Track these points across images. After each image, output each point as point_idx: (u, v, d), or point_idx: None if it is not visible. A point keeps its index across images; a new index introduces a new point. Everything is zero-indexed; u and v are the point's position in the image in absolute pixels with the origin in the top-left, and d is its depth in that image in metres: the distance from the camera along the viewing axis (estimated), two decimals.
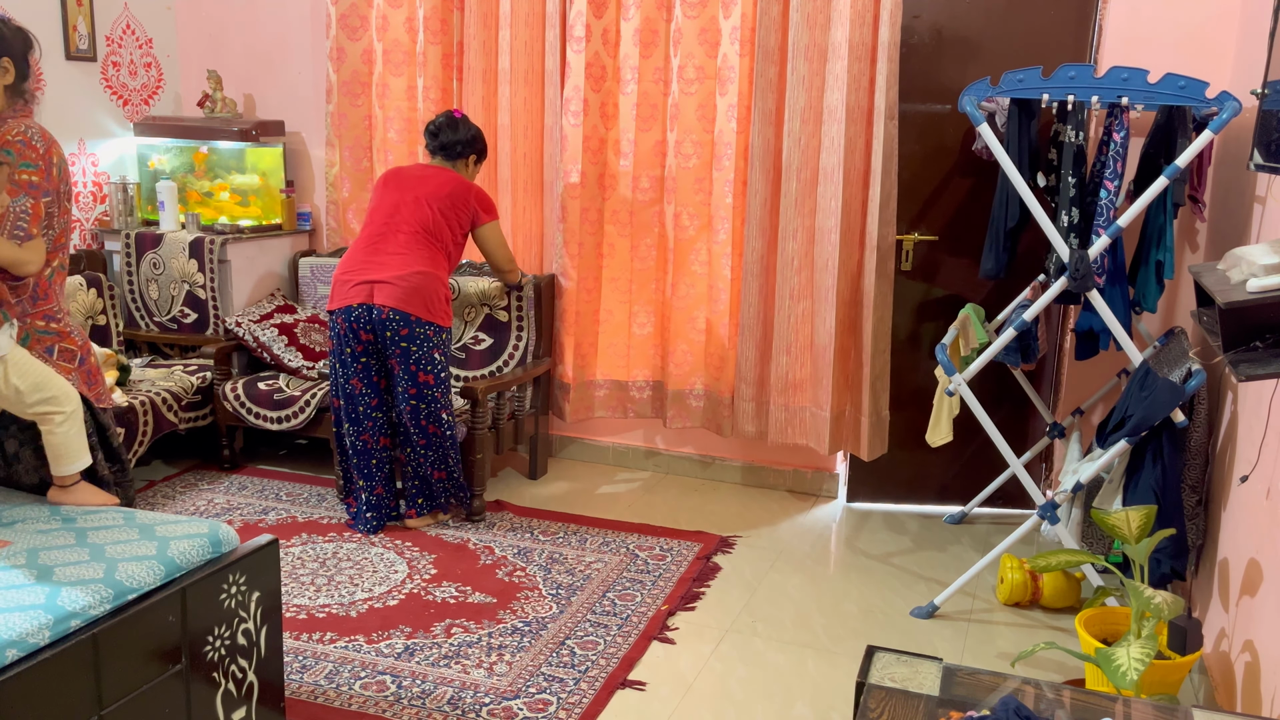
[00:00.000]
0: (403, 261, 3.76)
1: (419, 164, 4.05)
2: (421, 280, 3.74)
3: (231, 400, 4.35)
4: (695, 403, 4.47)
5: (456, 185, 3.89)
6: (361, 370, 3.82)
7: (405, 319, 3.72)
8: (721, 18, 4.12)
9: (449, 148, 3.95)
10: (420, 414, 3.81)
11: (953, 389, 3.39)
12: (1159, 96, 3.06)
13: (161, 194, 4.71)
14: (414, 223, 3.81)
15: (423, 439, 3.86)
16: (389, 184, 3.93)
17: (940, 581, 3.67)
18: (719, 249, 4.27)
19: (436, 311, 3.78)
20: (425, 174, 3.93)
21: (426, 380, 3.79)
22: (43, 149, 2.51)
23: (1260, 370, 2.13)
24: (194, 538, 2.32)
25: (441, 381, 3.82)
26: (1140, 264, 3.45)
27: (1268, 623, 2.51)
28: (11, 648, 1.88)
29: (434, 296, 3.77)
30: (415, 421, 3.83)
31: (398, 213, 3.83)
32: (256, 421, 4.32)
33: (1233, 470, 3.00)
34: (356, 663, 3.04)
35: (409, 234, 3.81)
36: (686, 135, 4.26)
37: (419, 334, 3.74)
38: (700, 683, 3.04)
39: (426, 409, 3.81)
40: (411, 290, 3.72)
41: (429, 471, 3.92)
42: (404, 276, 3.73)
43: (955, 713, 1.71)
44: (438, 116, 3.99)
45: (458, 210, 3.87)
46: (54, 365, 2.56)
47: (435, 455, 3.89)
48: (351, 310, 3.76)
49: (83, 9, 4.58)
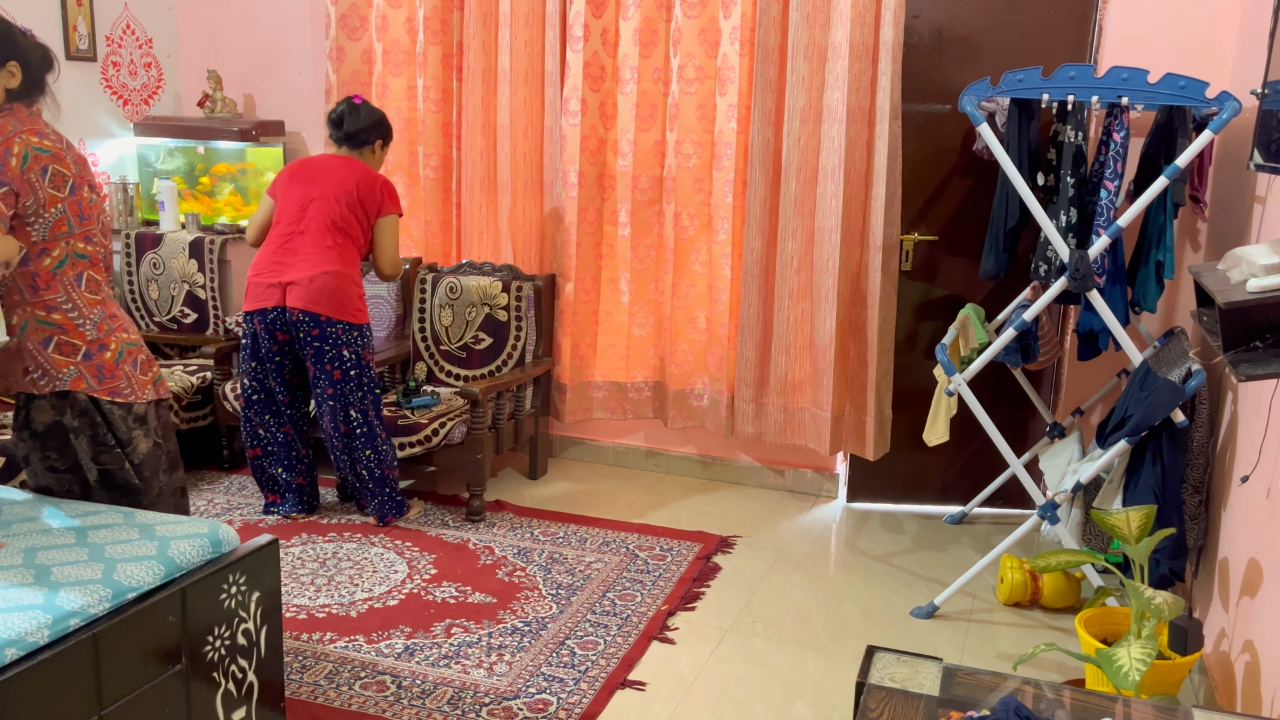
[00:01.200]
0: (312, 262, 3.77)
1: (324, 155, 3.99)
2: (330, 280, 3.75)
3: (231, 400, 4.34)
4: (696, 403, 4.48)
5: (363, 177, 3.85)
6: (276, 370, 3.88)
7: (315, 319, 3.74)
8: (721, 17, 4.13)
9: (354, 136, 3.90)
10: (336, 414, 3.85)
11: (953, 389, 3.39)
12: (1159, 96, 3.06)
13: (161, 194, 4.71)
14: (323, 219, 3.79)
15: (340, 440, 3.88)
16: (295, 178, 3.89)
17: (940, 581, 3.67)
18: (718, 249, 4.27)
19: (348, 310, 3.79)
20: (331, 166, 3.88)
21: (339, 378, 3.81)
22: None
23: (1260, 370, 2.13)
24: (194, 538, 2.32)
25: (352, 379, 3.83)
26: (1140, 264, 3.45)
27: (1268, 623, 2.51)
28: (11, 647, 1.88)
29: (344, 295, 3.78)
30: (334, 421, 3.86)
31: (306, 210, 3.82)
32: None
33: (1233, 470, 3.00)
34: (356, 663, 3.04)
35: (318, 231, 3.79)
36: (686, 135, 4.26)
37: (330, 333, 3.77)
38: (700, 683, 3.04)
39: (341, 408, 3.84)
40: (320, 290, 3.74)
41: (370, 472, 3.91)
42: (313, 277, 3.74)
43: (955, 713, 1.71)
44: (338, 104, 3.94)
45: (365, 204, 3.85)
46: (47, 358, 2.55)
47: (374, 455, 3.89)
48: (266, 313, 3.79)
49: (83, 9, 4.58)
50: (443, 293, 4.47)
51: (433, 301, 4.49)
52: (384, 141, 4.01)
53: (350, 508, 4.16)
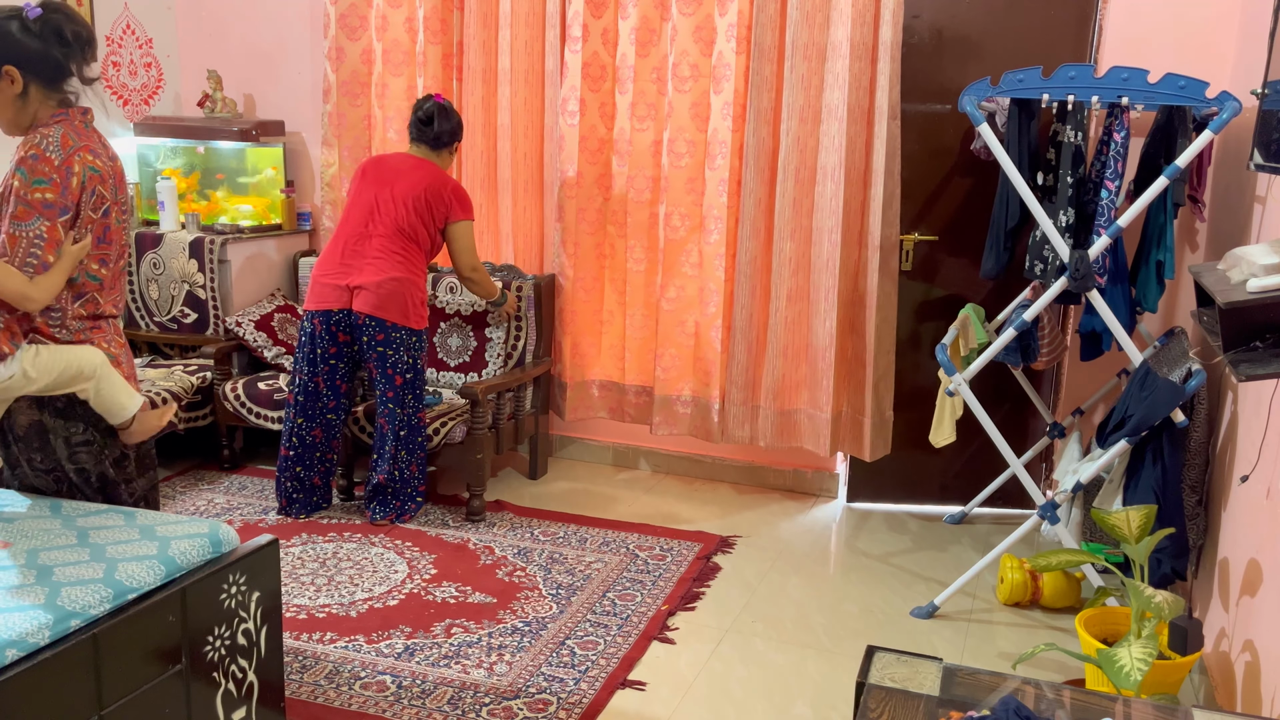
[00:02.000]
0: (380, 267, 3.82)
1: (399, 154, 4.03)
2: (397, 287, 3.82)
3: (231, 400, 4.34)
4: (683, 409, 4.44)
5: (434, 180, 3.89)
6: (328, 371, 3.90)
7: (381, 325, 3.81)
8: (717, 15, 4.11)
9: (439, 137, 3.96)
10: (396, 417, 3.87)
11: (953, 389, 3.39)
12: (1159, 96, 3.06)
13: (161, 194, 4.71)
14: (390, 223, 3.85)
15: (395, 443, 3.90)
16: (367, 176, 3.95)
17: (940, 581, 3.67)
18: (710, 250, 4.25)
19: (411, 316, 3.86)
20: (404, 167, 3.92)
21: (399, 383, 3.86)
22: (59, 159, 2.32)
23: (1260, 370, 2.13)
24: (194, 538, 2.32)
25: (410, 383, 3.88)
26: (1140, 264, 3.45)
27: (1268, 623, 2.51)
28: (11, 648, 1.88)
29: (409, 301, 3.85)
30: (392, 424, 3.88)
31: (376, 212, 3.87)
32: (257, 421, 4.32)
33: (1233, 470, 3.00)
34: (356, 663, 3.04)
35: (385, 235, 3.85)
36: (679, 134, 4.24)
37: (394, 338, 3.83)
38: (700, 683, 3.04)
39: (402, 411, 3.88)
40: (388, 296, 3.80)
41: (402, 472, 3.95)
42: (381, 283, 3.80)
43: (955, 713, 1.71)
44: (425, 103, 3.96)
45: (433, 208, 3.89)
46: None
47: (408, 455, 3.93)
48: (331, 314, 3.84)
49: (82, 9, 4.58)
50: (443, 292, 4.46)
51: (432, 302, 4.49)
52: (459, 143, 4.09)
53: (351, 508, 4.16)
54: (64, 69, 2.41)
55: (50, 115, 2.41)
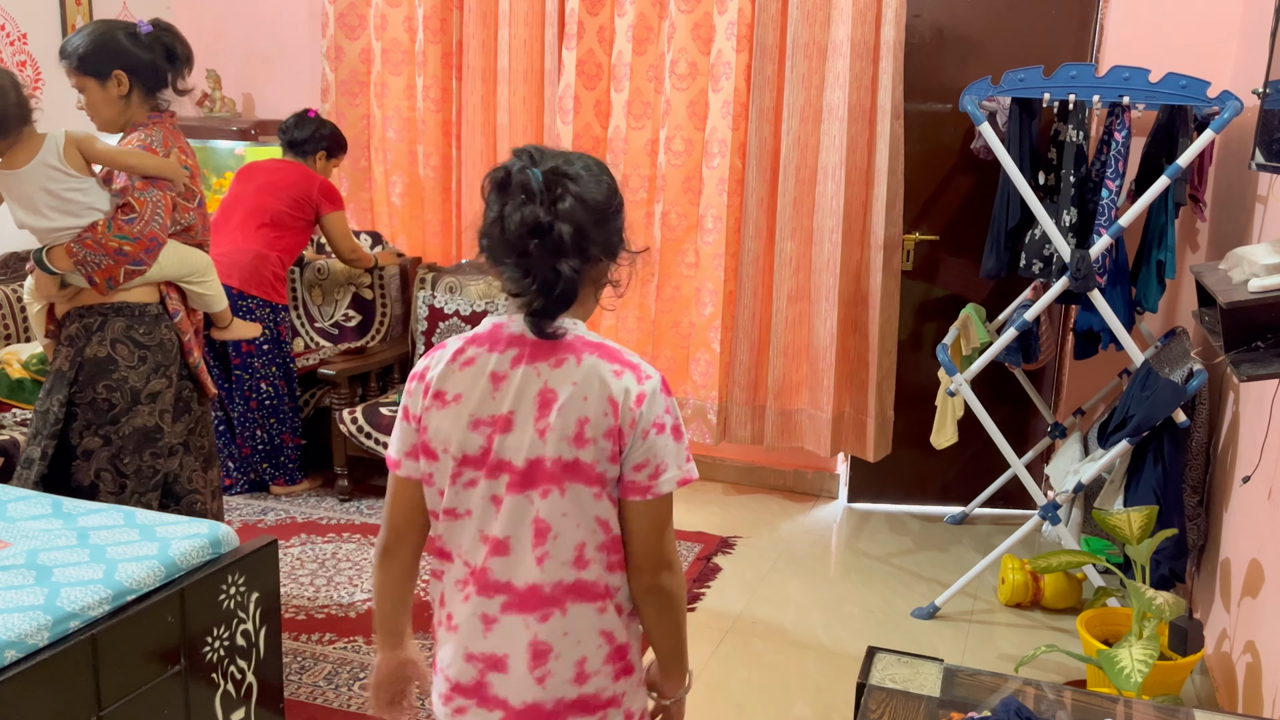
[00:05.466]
0: (231, 240, 4.01)
1: (272, 159, 4.32)
2: (247, 257, 3.99)
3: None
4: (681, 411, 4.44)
5: (299, 176, 4.15)
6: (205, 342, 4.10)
7: (227, 291, 3.85)
8: (716, 13, 4.10)
9: (296, 145, 4.23)
10: (244, 384, 4.09)
11: (954, 389, 3.39)
12: (1160, 96, 3.06)
13: None
14: (251, 208, 4.08)
15: (249, 409, 4.13)
16: (238, 177, 4.24)
17: (941, 582, 3.67)
18: (709, 249, 4.23)
19: (263, 287, 4.00)
20: (272, 167, 4.23)
21: (249, 350, 4.03)
22: (163, 153, 2.66)
23: (1261, 370, 2.12)
24: (194, 538, 2.31)
25: (264, 354, 4.05)
26: (1141, 264, 3.45)
27: (1269, 623, 2.50)
28: (11, 648, 1.87)
29: (260, 273, 4.01)
30: (241, 391, 4.11)
31: (239, 201, 4.11)
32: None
33: (1234, 471, 3.00)
34: (356, 663, 3.03)
35: (244, 216, 4.07)
36: (677, 132, 4.22)
37: (242, 306, 3.96)
38: (700, 683, 3.03)
39: (251, 380, 4.07)
40: (234, 265, 3.95)
41: (275, 439, 4.18)
42: (228, 253, 3.96)
43: (956, 714, 1.71)
44: (290, 117, 4.28)
45: (298, 199, 4.11)
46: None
47: (271, 423, 4.15)
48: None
49: (82, 8, 4.57)
50: (442, 292, 4.46)
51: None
52: (329, 154, 4.35)
53: (351, 508, 4.16)
54: (164, 80, 2.75)
55: (146, 116, 2.72)
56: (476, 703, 1.52)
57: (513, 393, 1.47)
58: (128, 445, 2.70)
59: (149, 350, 2.70)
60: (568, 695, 1.51)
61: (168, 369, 2.74)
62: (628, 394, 1.45)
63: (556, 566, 1.47)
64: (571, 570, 1.48)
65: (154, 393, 2.72)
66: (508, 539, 1.47)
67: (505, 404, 1.47)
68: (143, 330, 2.70)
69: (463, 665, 1.53)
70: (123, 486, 2.71)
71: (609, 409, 1.44)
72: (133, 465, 2.71)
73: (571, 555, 1.48)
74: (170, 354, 2.75)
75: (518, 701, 1.50)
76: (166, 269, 2.72)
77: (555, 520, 1.46)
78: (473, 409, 1.48)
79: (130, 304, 2.68)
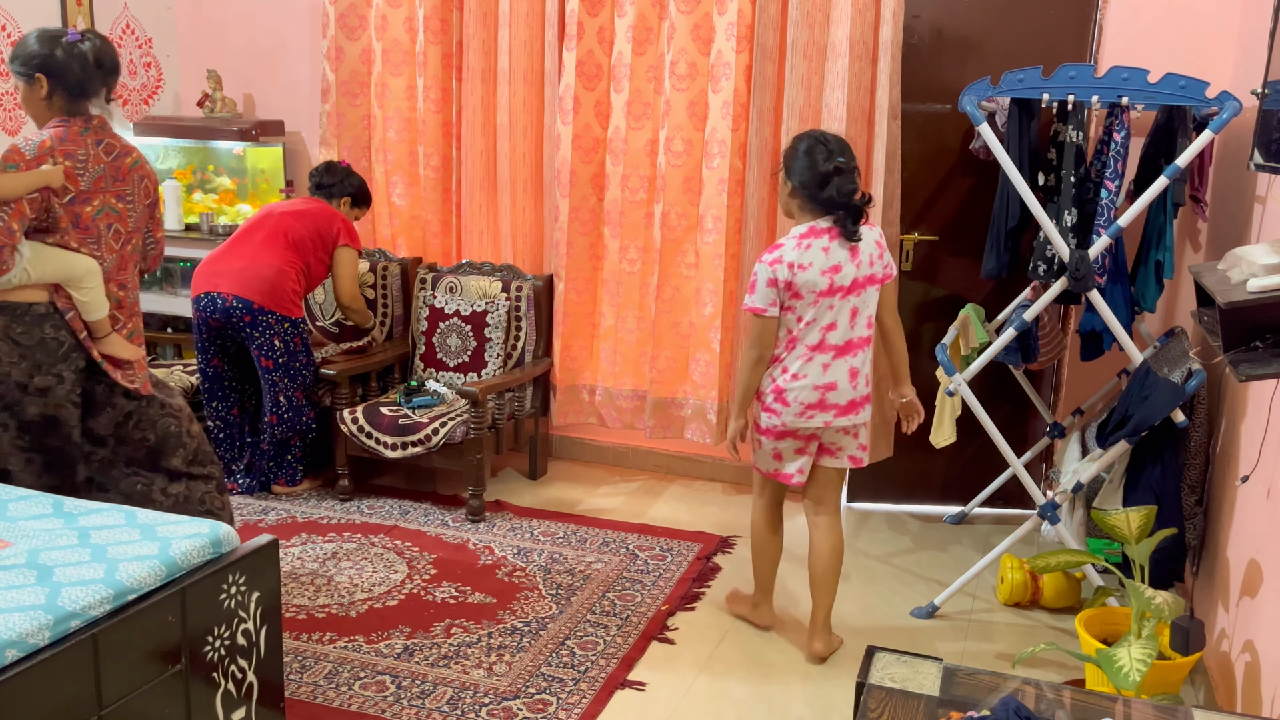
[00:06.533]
0: (253, 255, 4.04)
1: (301, 197, 4.43)
2: (266, 271, 4.00)
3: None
4: (677, 412, 4.42)
5: (325, 210, 4.21)
6: (219, 351, 4.14)
7: (247, 306, 3.97)
8: (716, 14, 4.10)
9: (324, 188, 4.30)
10: (264, 395, 4.13)
11: (953, 389, 3.39)
12: (1159, 96, 3.06)
13: (165, 194, 4.71)
14: (276, 228, 4.10)
15: (266, 421, 4.16)
16: (264, 207, 4.31)
17: (940, 581, 3.67)
18: (709, 249, 4.23)
19: (282, 302, 4.02)
20: (300, 201, 4.31)
21: (267, 365, 4.04)
22: (31, 155, 2.70)
23: (1260, 370, 2.13)
24: (194, 538, 2.32)
25: (281, 367, 4.06)
26: (1140, 264, 3.45)
27: (1268, 623, 2.51)
28: (11, 648, 1.87)
29: (278, 288, 4.01)
30: (263, 401, 4.17)
31: (264, 222, 4.14)
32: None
33: (1233, 471, 3.00)
34: (356, 663, 3.04)
35: (266, 236, 4.10)
36: (676, 132, 4.21)
37: (261, 321, 3.98)
38: (700, 683, 3.04)
39: (270, 392, 4.09)
40: (253, 278, 3.98)
41: (281, 443, 4.22)
42: (248, 267, 3.99)
43: (955, 713, 1.71)
44: (320, 163, 4.38)
45: (320, 229, 4.15)
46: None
47: (282, 432, 4.16)
48: (200, 299, 4.04)
49: (82, 9, 4.58)
50: (443, 292, 4.47)
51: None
52: (354, 202, 4.39)
53: (351, 508, 4.16)
54: (86, 87, 2.81)
55: (55, 120, 2.80)
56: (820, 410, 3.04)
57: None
58: (29, 430, 2.79)
59: (28, 349, 2.76)
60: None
61: (53, 366, 2.79)
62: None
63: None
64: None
65: (43, 388, 2.78)
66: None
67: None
68: (20, 330, 2.75)
69: (810, 392, 3.01)
70: (30, 461, 2.80)
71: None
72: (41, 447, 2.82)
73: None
74: (55, 352, 2.79)
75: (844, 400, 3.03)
76: (45, 272, 2.76)
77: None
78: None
79: (13, 303, 2.75)
